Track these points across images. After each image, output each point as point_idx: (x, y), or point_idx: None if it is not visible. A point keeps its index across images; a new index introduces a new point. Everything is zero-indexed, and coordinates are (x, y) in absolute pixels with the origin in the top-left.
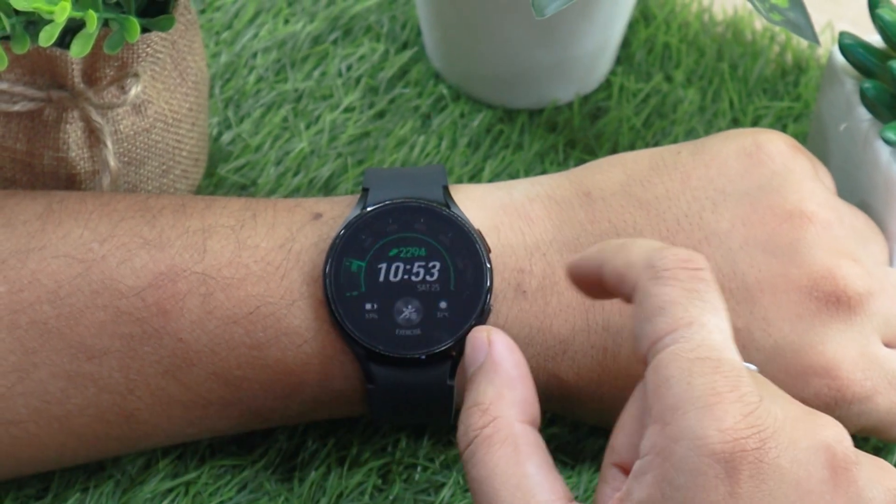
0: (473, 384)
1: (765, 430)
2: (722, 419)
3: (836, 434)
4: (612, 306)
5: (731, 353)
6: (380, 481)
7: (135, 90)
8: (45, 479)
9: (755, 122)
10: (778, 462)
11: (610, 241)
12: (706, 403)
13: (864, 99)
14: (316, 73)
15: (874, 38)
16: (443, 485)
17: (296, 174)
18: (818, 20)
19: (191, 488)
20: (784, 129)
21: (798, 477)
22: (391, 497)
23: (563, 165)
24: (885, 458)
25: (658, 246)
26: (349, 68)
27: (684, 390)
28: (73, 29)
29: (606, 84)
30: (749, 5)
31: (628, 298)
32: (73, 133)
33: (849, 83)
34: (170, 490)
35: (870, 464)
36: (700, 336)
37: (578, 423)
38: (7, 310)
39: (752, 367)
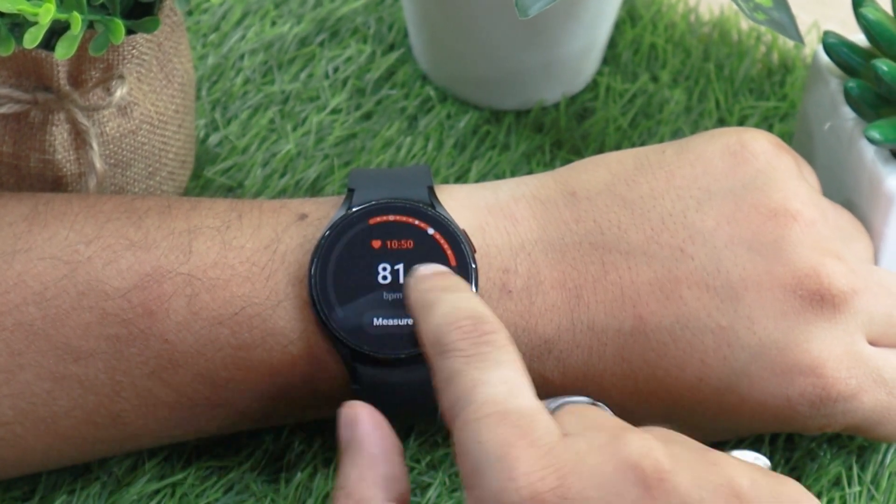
0: (340, 465)
1: (563, 467)
2: (514, 468)
3: (641, 448)
4: (597, 306)
5: (522, 399)
6: None
7: (120, 92)
8: (31, 481)
9: (741, 122)
10: (584, 494)
11: (422, 294)
12: (498, 457)
13: (849, 98)
14: (303, 75)
15: (859, 38)
16: (429, 485)
17: (282, 176)
18: (805, 21)
19: (177, 489)
20: (770, 128)
21: (608, 503)
22: None
23: (549, 166)
24: (870, 456)
25: (450, 317)
26: (336, 70)
27: (477, 451)
28: (58, 31)
29: (593, 84)
30: (735, 6)
31: None
32: (60, 135)
33: (833, 82)
34: (156, 491)
35: (692, 464)
36: (483, 394)
37: None
38: None
39: (576, 399)
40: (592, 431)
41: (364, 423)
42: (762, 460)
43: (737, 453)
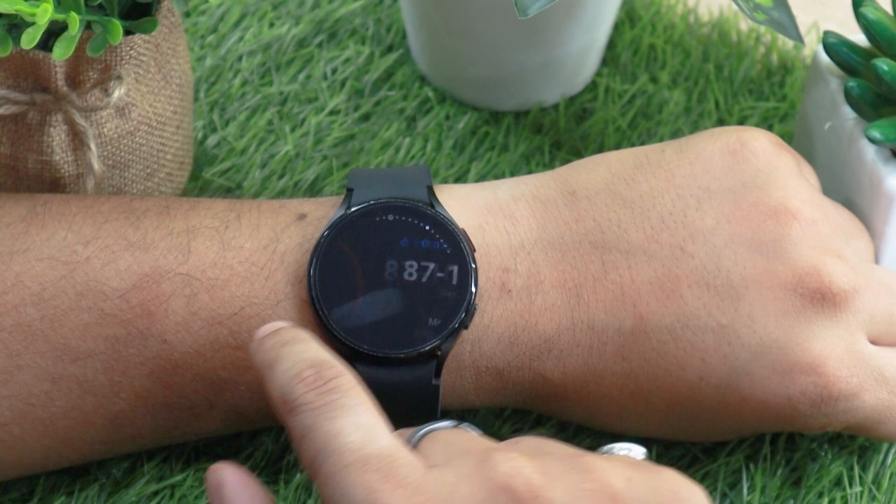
0: None
1: (435, 502)
2: None
3: (510, 469)
4: (597, 305)
5: (378, 441)
6: None
7: (118, 93)
8: (29, 483)
9: (741, 123)
10: None
11: (264, 354)
12: None
13: (849, 98)
14: (301, 76)
15: (859, 38)
16: None
17: (281, 177)
18: (805, 21)
19: (176, 491)
20: (770, 129)
21: None
22: None
23: (548, 167)
24: (871, 456)
25: (292, 371)
26: (334, 71)
27: (345, 503)
28: (55, 31)
29: (592, 85)
30: (734, 6)
31: None
32: (57, 136)
33: (833, 82)
34: (155, 493)
35: (564, 475)
36: (339, 445)
37: (565, 423)
38: None
39: (439, 425)
40: (459, 459)
41: (230, 485)
42: (637, 450)
43: (614, 445)
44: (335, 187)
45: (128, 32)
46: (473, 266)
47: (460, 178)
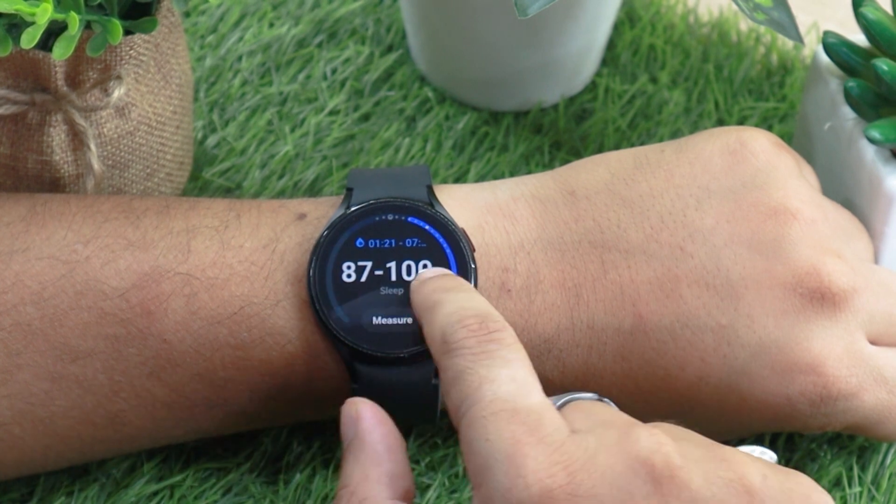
0: (343, 463)
1: (573, 464)
2: (524, 465)
3: (651, 444)
4: (597, 304)
5: (530, 397)
6: None
7: (118, 93)
8: (29, 483)
9: (741, 123)
10: (594, 491)
11: (426, 295)
12: (507, 455)
13: (849, 98)
14: (301, 77)
15: (859, 38)
16: (428, 486)
17: (281, 177)
18: (804, 22)
19: (176, 491)
20: (769, 129)
21: (619, 500)
22: None
23: (548, 167)
24: (870, 457)
25: (456, 316)
26: (334, 71)
27: (485, 449)
28: (55, 31)
29: (592, 86)
30: (734, 6)
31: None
32: (57, 136)
33: (833, 82)
34: (155, 493)
35: (703, 460)
36: (491, 392)
37: None
38: None
39: (582, 395)
40: (601, 428)
41: (366, 420)
42: (769, 454)
43: (743, 448)
44: (335, 188)
45: (128, 32)
46: (473, 266)
47: (460, 179)
